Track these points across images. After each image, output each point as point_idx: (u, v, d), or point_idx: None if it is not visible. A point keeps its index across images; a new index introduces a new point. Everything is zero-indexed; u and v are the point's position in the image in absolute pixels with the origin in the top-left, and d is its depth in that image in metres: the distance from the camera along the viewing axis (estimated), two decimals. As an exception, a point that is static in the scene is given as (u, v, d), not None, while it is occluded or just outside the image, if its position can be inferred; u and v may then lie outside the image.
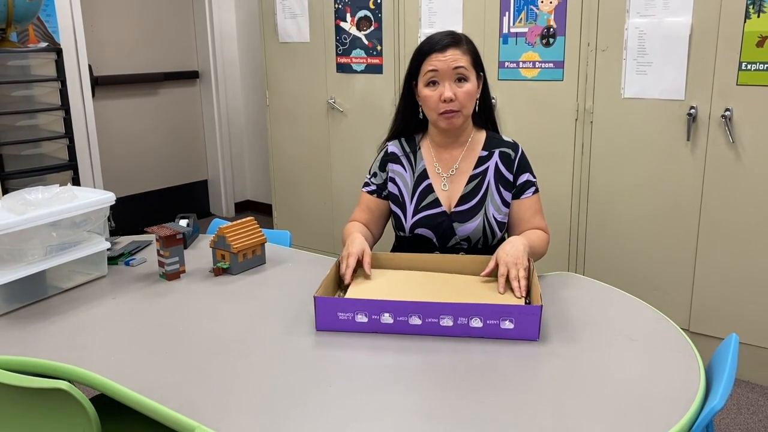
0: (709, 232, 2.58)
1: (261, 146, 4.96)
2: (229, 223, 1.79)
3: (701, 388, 1.16)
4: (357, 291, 1.53)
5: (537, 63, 2.85)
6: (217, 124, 4.98)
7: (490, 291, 1.53)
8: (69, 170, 3.26)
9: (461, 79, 1.71)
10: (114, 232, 1.95)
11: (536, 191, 1.82)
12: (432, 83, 1.72)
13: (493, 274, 1.58)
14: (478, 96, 1.78)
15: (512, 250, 1.56)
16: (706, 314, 2.65)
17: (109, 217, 1.77)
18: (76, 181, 3.30)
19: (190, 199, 5.07)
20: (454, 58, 1.69)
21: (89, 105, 3.87)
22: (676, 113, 2.56)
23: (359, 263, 1.62)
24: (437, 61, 1.70)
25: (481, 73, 1.78)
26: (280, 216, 4.09)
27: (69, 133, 3.23)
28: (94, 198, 1.69)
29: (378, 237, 1.90)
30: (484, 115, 1.85)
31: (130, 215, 4.25)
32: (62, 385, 1.14)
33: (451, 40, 1.72)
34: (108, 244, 1.74)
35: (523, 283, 1.51)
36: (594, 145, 2.79)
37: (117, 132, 4.46)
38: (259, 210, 5.16)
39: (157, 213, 4.58)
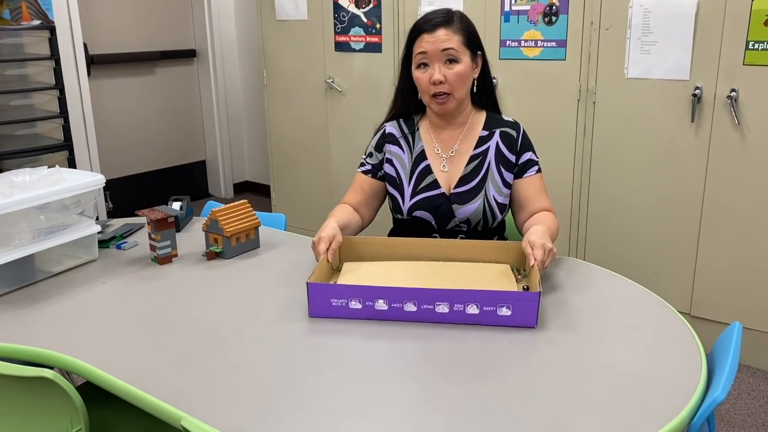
0: (713, 215, 2.54)
1: (259, 126, 4.90)
2: (223, 206, 1.76)
3: (702, 378, 1.13)
4: (349, 279, 1.49)
5: (539, 42, 2.79)
6: (215, 104, 4.92)
7: (484, 278, 1.49)
8: (64, 150, 3.23)
9: (451, 60, 1.66)
10: (112, 214, 1.92)
11: (539, 170, 1.78)
12: (422, 65, 1.68)
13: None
14: (475, 76, 1.73)
15: (543, 236, 1.54)
16: (708, 298, 2.62)
17: (106, 198, 1.74)
18: (71, 162, 3.27)
19: (189, 180, 5.04)
20: (443, 38, 1.64)
21: (84, 84, 3.81)
22: (681, 94, 2.51)
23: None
24: (426, 43, 1.65)
25: (479, 52, 1.73)
26: (278, 197, 4.05)
27: (64, 112, 3.19)
28: (83, 180, 1.65)
29: (369, 220, 1.84)
30: (484, 95, 1.80)
31: (128, 196, 4.21)
32: (47, 373, 1.12)
33: (441, 19, 1.66)
34: (98, 228, 1.71)
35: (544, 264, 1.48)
36: (596, 126, 2.74)
37: (113, 111, 4.41)
38: (258, 191, 5.12)
39: (155, 194, 4.54)
